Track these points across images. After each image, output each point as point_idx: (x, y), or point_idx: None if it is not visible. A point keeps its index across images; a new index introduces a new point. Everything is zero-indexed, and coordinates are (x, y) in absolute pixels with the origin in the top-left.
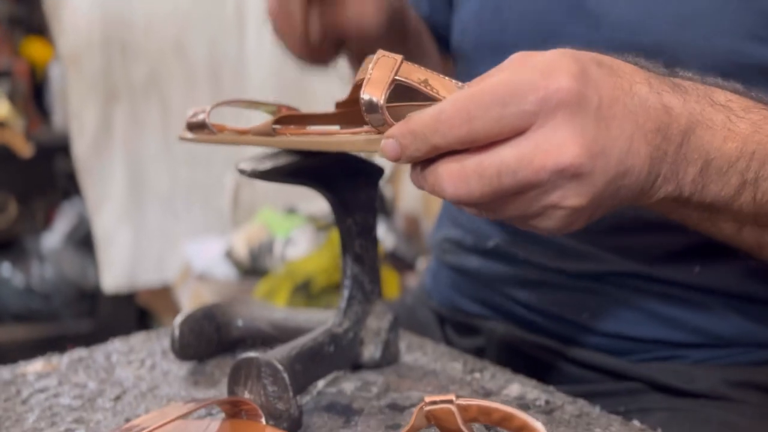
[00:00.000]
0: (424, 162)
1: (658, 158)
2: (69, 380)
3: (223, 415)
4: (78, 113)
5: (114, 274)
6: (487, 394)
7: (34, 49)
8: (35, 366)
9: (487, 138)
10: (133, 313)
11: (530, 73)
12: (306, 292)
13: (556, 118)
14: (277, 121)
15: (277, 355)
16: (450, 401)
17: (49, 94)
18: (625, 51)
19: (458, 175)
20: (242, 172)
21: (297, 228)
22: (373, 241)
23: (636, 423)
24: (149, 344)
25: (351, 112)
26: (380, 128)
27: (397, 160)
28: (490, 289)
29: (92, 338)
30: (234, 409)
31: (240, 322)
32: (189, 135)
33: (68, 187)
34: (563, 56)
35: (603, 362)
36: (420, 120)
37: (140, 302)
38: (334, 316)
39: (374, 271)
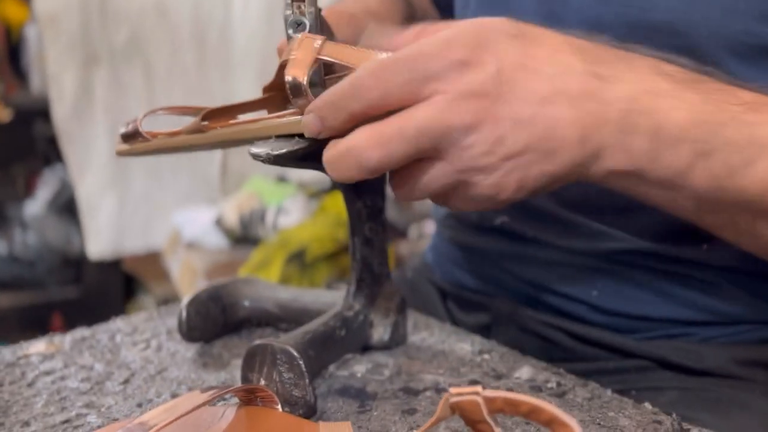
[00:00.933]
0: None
1: (593, 124)
2: (74, 362)
3: (236, 400)
4: (56, 77)
5: (99, 241)
6: (498, 377)
7: (9, 9)
8: (38, 346)
9: (399, 101)
10: (120, 279)
11: (435, 43)
12: (300, 261)
13: (456, 84)
14: (208, 116)
15: (291, 341)
16: (476, 393)
17: (26, 56)
18: (635, 28)
19: (378, 138)
20: (256, 156)
21: (289, 197)
22: (382, 223)
23: (648, 405)
24: (152, 323)
25: (278, 96)
26: (305, 108)
27: (318, 134)
28: (496, 268)
29: (78, 305)
30: (249, 396)
31: (246, 303)
32: (124, 147)
33: (49, 152)
34: (471, 25)
35: (611, 340)
36: (337, 89)
37: (126, 268)
38: (343, 298)
39: (383, 253)
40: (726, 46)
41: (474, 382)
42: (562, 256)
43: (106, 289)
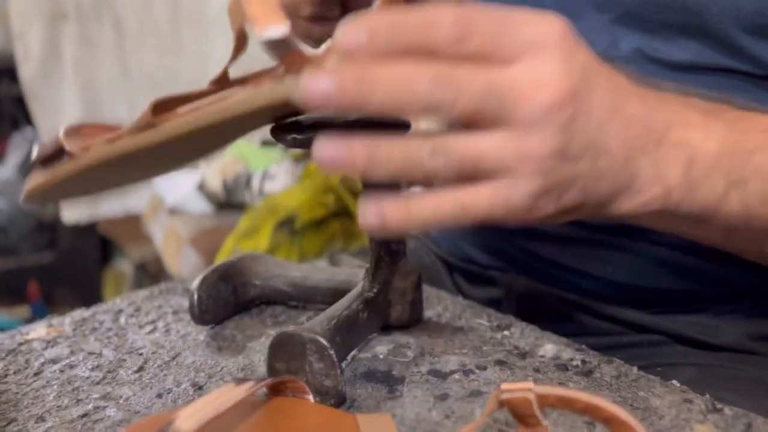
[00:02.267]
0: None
1: (637, 148)
2: (81, 348)
3: (263, 391)
4: (21, 34)
5: (74, 205)
6: (522, 355)
7: None
8: (38, 331)
9: (477, 49)
10: (96, 243)
11: (526, 13)
12: (289, 228)
13: (548, 54)
14: (158, 108)
15: (318, 329)
16: (529, 389)
17: None
18: (646, 4)
19: (445, 76)
20: (281, 140)
21: (275, 161)
22: None
23: (675, 383)
24: (155, 303)
25: (234, 85)
26: (290, 64)
27: (354, 51)
28: (508, 243)
29: (54, 271)
30: (279, 387)
31: (256, 282)
32: (39, 179)
33: (17, 115)
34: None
35: (625, 315)
36: (402, 12)
37: (101, 231)
38: (359, 277)
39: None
40: (737, 24)
41: (500, 363)
42: (576, 231)
43: (82, 254)
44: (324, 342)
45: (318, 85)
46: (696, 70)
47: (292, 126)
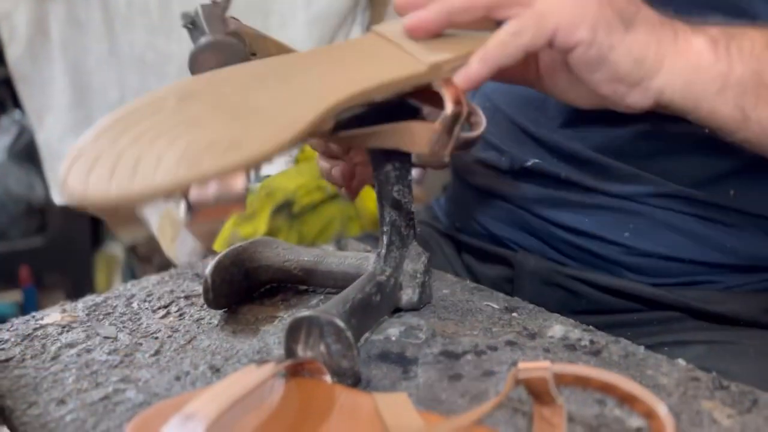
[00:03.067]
0: None
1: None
2: (96, 332)
3: (281, 373)
4: (7, 14)
5: None
6: (531, 336)
7: None
8: (52, 317)
9: None
10: (87, 226)
11: None
12: (288, 212)
13: None
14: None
15: (333, 311)
16: (545, 369)
17: None
18: None
19: None
20: None
21: None
22: (409, 185)
23: (682, 362)
24: (166, 288)
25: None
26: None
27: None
28: (526, 212)
29: (45, 255)
30: (296, 368)
31: (268, 267)
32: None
33: (4, 97)
34: None
35: (635, 289)
36: None
37: (93, 215)
38: (370, 261)
39: (410, 215)
40: None
41: (511, 343)
42: (595, 198)
43: (73, 237)
44: (341, 324)
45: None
46: None
47: None
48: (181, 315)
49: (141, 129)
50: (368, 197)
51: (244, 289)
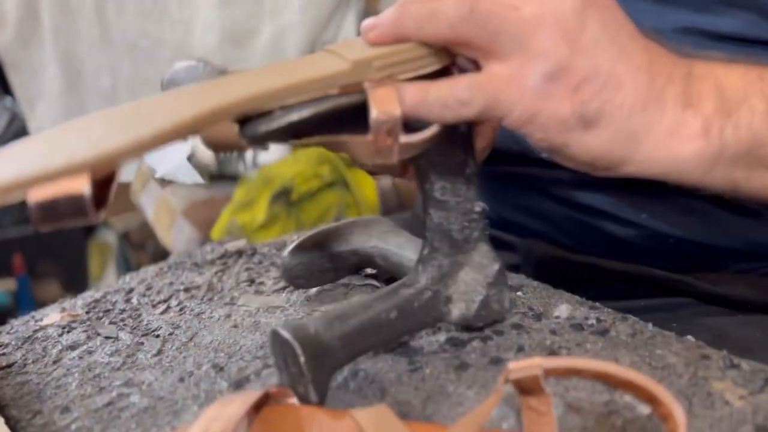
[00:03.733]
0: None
1: (662, 73)
2: (97, 332)
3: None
4: None
5: None
6: (537, 317)
7: None
8: (52, 317)
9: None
10: None
11: None
12: (286, 199)
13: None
14: None
15: (309, 327)
16: (536, 366)
17: None
18: None
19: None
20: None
21: None
22: (467, 179)
23: (691, 338)
24: (165, 280)
25: None
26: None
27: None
28: (540, 194)
29: (38, 243)
30: (261, 400)
31: (356, 251)
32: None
33: None
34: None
35: (646, 273)
36: None
37: None
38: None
39: (468, 215)
40: None
41: (517, 326)
42: (615, 179)
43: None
44: (296, 348)
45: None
46: (744, 42)
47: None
48: (181, 309)
49: (41, 139)
50: (366, 184)
51: (329, 271)
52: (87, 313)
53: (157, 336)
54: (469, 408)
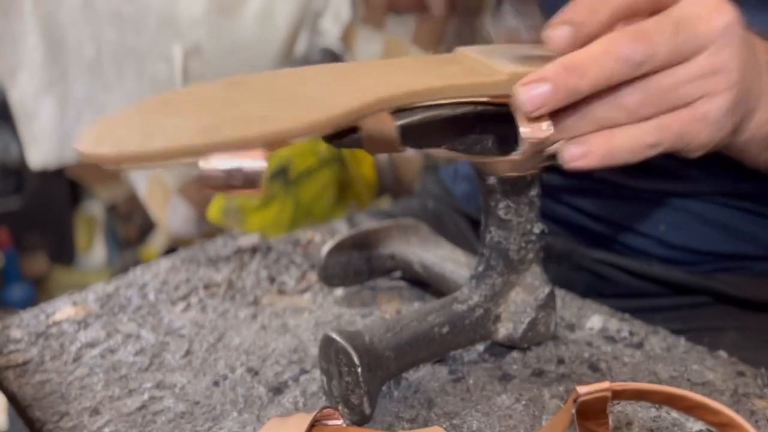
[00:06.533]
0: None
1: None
2: (117, 329)
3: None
4: None
5: (40, 149)
6: (571, 328)
7: None
8: (65, 312)
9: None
10: (65, 186)
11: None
12: (284, 178)
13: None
14: None
15: (365, 338)
16: (605, 389)
17: None
18: None
19: (640, 34)
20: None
21: None
22: (530, 200)
23: (724, 354)
24: (181, 275)
25: None
26: None
27: (568, 47)
28: (553, 200)
29: (23, 216)
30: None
31: (393, 256)
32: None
33: None
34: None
35: (666, 275)
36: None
37: (71, 175)
38: (462, 288)
39: (527, 236)
40: None
41: (553, 338)
42: (632, 191)
43: (51, 198)
44: (354, 357)
45: (534, 92)
46: None
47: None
48: (203, 308)
49: (174, 104)
50: (363, 161)
51: (364, 273)
52: (101, 308)
53: (182, 335)
54: (519, 421)
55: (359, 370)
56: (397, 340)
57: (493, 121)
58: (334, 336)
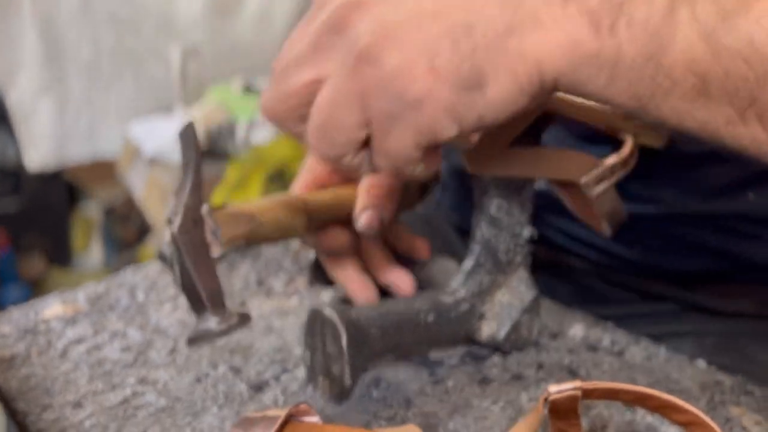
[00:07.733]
0: None
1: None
2: (104, 327)
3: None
4: None
5: (38, 151)
6: (553, 336)
7: None
8: (53, 309)
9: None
10: (63, 187)
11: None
12: (281, 181)
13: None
14: None
15: (351, 313)
16: (576, 388)
17: None
18: None
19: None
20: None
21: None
22: (521, 203)
23: (703, 363)
24: (170, 277)
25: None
26: None
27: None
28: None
29: (21, 218)
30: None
31: None
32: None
33: None
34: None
35: (646, 286)
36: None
37: (68, 178)
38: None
39: (516, 239)
40: None
41: (536, 344)
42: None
43: (49, 199)
44: (339, 326)
45: None
46: None
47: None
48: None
49: None
50: None
51: None
52: (91, 307)
53: (168, 335)
54: (494, 423)
55: (344, 339)
56: (383, 320)
57: None
58: (321, 309)
